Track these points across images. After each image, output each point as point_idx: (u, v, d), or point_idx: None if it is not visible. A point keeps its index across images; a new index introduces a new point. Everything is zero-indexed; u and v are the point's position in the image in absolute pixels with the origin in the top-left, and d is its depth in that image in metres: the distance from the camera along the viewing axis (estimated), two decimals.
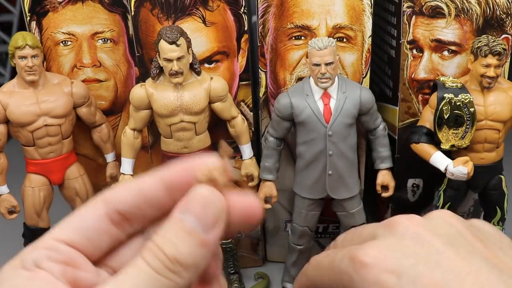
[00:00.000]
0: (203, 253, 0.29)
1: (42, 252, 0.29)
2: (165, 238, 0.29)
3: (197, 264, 0.29)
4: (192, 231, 0.29)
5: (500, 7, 1.23)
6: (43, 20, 1.27)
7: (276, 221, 1.49)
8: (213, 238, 0.29)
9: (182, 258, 0.28)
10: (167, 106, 1.17)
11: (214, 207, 0.29)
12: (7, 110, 1.20)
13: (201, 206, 0.29)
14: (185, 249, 0.29)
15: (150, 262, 0.28)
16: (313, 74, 1.18)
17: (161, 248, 0.29)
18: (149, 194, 0.31)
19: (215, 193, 0.30)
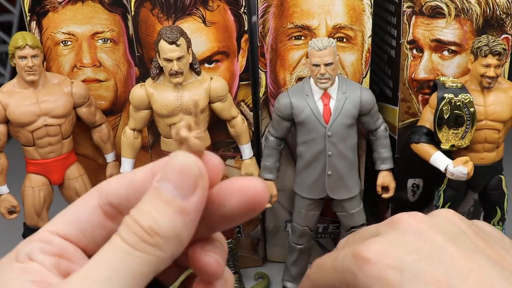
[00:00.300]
0: (184, 222, 0.27)
1: (36, 245, 0.29)
2: (141, 210, 0.28)
3: (178, 234, 0.27)
4: (169, 199, 0.27)
5: (500, 7, 1.23)
6: (43, 20, 1.27)
7: (276, 221, 1.49)
8: (193, 205, 0.28)
9: (160, 228, 0.27)
10: (167, 106, 1.17)
11: (191, 171, 0.28)
12: (7, 110, 1.20)
13: (177, 172, 0.28)
14: (163, 219, 0.27)
15: (125, 237, 0.27)
16: (312, 75, 1.18)
17: (136, 221, 0.27)
18: (139, 187, 0.30)
19: (190, 158, 0.28)
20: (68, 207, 0.31)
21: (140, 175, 0.31)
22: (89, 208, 0.31)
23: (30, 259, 0.29)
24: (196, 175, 0.28)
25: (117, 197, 0.31)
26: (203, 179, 0.28)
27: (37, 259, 0.29)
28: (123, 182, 0.31)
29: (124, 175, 0.31)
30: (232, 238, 1.38)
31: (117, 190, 0.31)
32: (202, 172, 0.28)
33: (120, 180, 0.31)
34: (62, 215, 0.31)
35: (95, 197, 0.31)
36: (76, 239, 0.30)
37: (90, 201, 0.31)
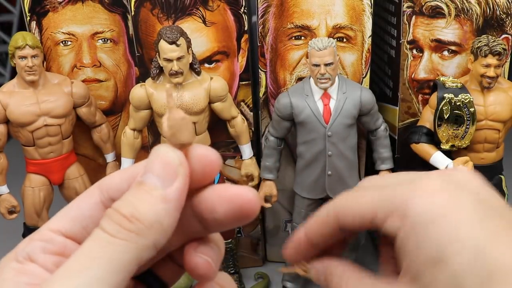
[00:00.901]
0: (166, 209, 0.27)
1: (37, 244, 0.29)
2: (123, 200, 0.28)
3: (159, 220, 0.27)
4: (150, 188, 0.28)
5: (500, 7, 1.23)
6: (43, 20, 1.27)
7: (276, 221, 1.49)
8: (175, 192, 0.28)
9: (140, 215, 0.27)
10: (167, 106, 1.17)
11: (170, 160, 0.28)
12: (7, 110, 1.20)
13: (157, 162, 0.28)
14: (143, 206, 0.27)
15: (105, 227, 0.27)
16: (312, 75, 1.18)
17: (117, 210, 0.27)
18: None
19: (169, 148, 0.29)
20: (69, 204, 0.31)
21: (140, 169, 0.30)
22: (90, 204, 0.31)
23: (30, 259, 0.28)
24: (176, 163, 0.28)
25: (119, 192, 0.30)
26: (183, 167, 0.28)
27: (37, 260, 0.28)
28: (124, 176, 0.31)
29: (125, 170, 0.32)
30: (232, 238, 1.38)
31: (119, 185, 0.31)
32: (181, 160, 0.29)
33: (121, 175, 0.31)
34: (63, 213, 0.31)
35: (96, 193, 0.31)
36: (79, 236, 0.30)
37: (91, 198, 0.31)
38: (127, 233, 0.27)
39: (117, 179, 0.31)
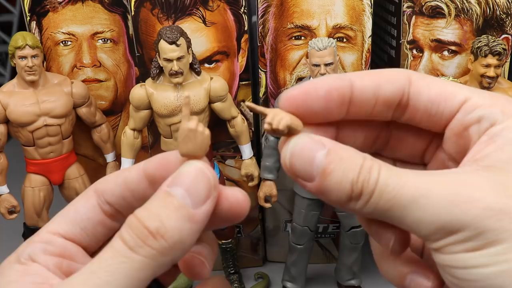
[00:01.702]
0: (191, 229, 0.26)
1: (38, 246, 0.29)
2: (149, 211, 0.26)
3: (183, 241, 0.26)
4: (180, 204, 0.26)
5: (500, 7, 1.23)
6: (43, 20, 1.27)
7: (276, 221, 1.49)
8: (203, 214, 0.27)
9: (167, 232, 0.25)
10: (167, 106, 1.17)
11: (206, 180, 0.27)
12: (7, 110, 1.20)
13: (192, 178, 0.27)
14: (171, 223, 0.26)
15: (127, 239, 0.26)
16: (313, 75, 1.18)
17: (142, 222, 0.26)
18: (133, 186, 0.30)
19: (207, 167, 0.28)
20: (67, 206, 0.31)
21: (133, 174, 0.30)
22: (88, 206, 0.30)
23: (32, 260, 0.28)
24: (210, 185, 0.27)
25: (113, 197, 0.30)
26: (215, 190, 0.27)
27: (39, 260, 0.28)
28: (118, 180, 0.30)
29: (118, 174, 0.31)
30: (232, 238, 1.38)
31: (113, 189, 0.30)
32: (216, 182, 0.27)
33: (115, 178, 0.31)
34: (62, 215, 0.31)
35: (93, 196, 0.31)
36: (78, 237, 0.30)
37: (88, 200, 0.31)
38: (149, 250, 0.25)
39: (112, 184, 0.30)
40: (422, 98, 0.28)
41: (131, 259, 0.25)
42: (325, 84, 0.28)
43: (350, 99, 0.28)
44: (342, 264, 1.37)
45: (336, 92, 0.28)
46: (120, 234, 0.26)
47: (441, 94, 0.28)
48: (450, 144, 0.29)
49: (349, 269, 1.37)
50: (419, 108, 0.29)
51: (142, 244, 0.25)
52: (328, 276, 1.47)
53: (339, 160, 0.26)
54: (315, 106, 0.28)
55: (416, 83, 0.28)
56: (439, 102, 0.28)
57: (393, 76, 0.29)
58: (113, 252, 0.26)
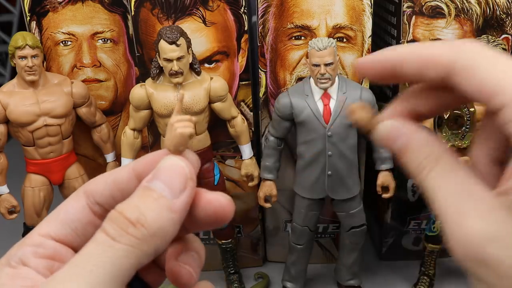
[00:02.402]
0: (171, 219, 0.28)
1: (28, 249, 0.29)
2: (128, 203, 0.28)
3: (164, 229, 0.27)
4: (159, 196, 0.28)
5: (500, 7, 1.23)
6: (43, 20, 1.27)
7: (276, 221, 1.49)
8: (182, 204, 0.28)
9: (146, 221, 0.27)
10: (167, 106, 1.17)
11: (182, 172, 0.29)
12: (7, 110, 1.20)
13: (168, 172, 0.29)
14: (150, 213, 0.27)
15: (109, 230, 0.27)
16: (312, 75, 1.18)
17: (122, 213, 0.27)
18: (123, 185, 0.31)
19: (182, 160, 0.29)
20: (58, 208, 0.31)
21: (123, 174, 0.31)
22: (78, 207, 0.31)
23: (23, 263, 0.29)
24: (186, 176, 0.29)
25: (102, 197, 0.31)
26: (192, 181, 0.29)
27: (29, 264, 0.29)
28: (108, 180, 0.31)
29: (108, 174, 0.31)
30: (232, 238, 1.38)
31: (102, 189, 0.31)
32: (192, 174, 0.29)
33: (104, 179, 0.31)
34: (52, 216, 0.31)
35: (82, 197, 0.31)
36: (69, 239, 0.30)
37: (78, 201, 0.31)
38: (130, 238, 0.26)
39: (101, 184, 0.31)
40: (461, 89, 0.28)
41: (114, 248, 0.26)
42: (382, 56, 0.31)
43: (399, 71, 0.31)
44: (342, 264, 1.37)
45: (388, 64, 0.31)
46: (102, 227, 0.27)
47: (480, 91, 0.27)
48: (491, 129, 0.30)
49: (349, 269, 1.37)
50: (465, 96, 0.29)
51: (124, 233, 0.26)
52: (328, 276, 1.47)
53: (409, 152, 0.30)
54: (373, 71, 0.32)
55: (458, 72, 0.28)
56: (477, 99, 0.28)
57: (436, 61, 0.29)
58: (96, 244, 0.27)
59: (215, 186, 1.28)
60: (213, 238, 1.40)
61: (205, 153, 1.25)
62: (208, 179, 1.27)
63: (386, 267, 1.50)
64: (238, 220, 1.45)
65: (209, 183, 1.27)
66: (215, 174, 1.28)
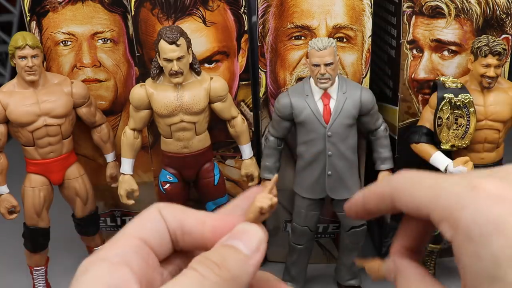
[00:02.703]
0: (247, 269, 0.32)
1: (128, 249, 0.32)
2: (214, 251, 0.32)
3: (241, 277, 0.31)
4: (238, 251, 0.32)
5: (500, 7, 1.23)
6: (43, 20, 1.27)
7: (276, 221, 1.49)
8: (255, 260, 0.32)
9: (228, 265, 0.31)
10: (167, 106, 1.17)
11: (258, 236, 0.33)
12: (7, 110, 1.20)
13: (247, 235, 0.33)
14: (232, 260, 0.31)
15: (197, 268, 0.31)
16: (312, 75, 1.17)
17: (209, 258, 0.31)
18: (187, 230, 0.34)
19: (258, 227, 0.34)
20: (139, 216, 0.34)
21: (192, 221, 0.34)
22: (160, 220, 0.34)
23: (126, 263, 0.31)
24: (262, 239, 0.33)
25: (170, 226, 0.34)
26: (265, 244, 0.33)
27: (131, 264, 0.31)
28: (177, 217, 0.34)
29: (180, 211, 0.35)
30: None
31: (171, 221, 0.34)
32: (265, 239, 0.34)
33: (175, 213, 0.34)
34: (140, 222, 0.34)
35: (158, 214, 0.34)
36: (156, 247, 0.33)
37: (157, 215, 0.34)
38: (216, 278, 0.30)
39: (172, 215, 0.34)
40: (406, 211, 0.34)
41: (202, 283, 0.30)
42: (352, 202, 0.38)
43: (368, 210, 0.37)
44: (342, 264, 1.37)
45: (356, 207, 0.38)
46: (191, 267, 0.31)
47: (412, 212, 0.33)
48: None
49: (349, 269, 1.37)
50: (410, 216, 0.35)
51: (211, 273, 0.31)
52: (328, 276, 1.47)
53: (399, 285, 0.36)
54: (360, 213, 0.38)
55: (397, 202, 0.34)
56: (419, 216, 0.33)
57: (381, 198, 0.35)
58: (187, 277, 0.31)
59: (215, 186, 1.28)
60: None
61: (205, 153, 1.25)
62: (208, 179, 1.27)
63: None
64: None
65: (209, 183, 1.27)
66: (215, 174, 1.28)
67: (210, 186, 1.27)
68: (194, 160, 1.24)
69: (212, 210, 1.31)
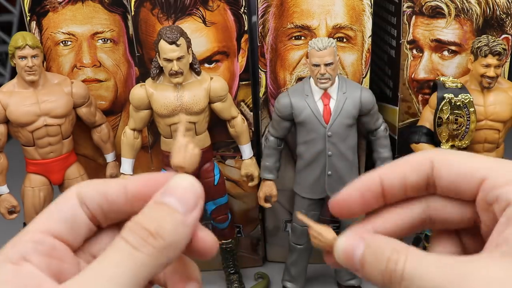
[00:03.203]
0: (184, 232, 0.30)
1: (30, 245, 0.29)
2: (145, 216, 0.30)
3: (178, 242, 0.29)
4: (174, 210, 0.30)
5: (500, 7, 1.23)
6: (43, 20, 1.27)
7: (276, 221, 1.49)
8: (193, 219, 0.30)
9: (165, 233, 0.29)
10: (167, 106, 1.17)
11: (194, 191, 0.31)
12: (7, 110, 1.20)
13: (182, 190, 0.30)
14: (167, 226, 0.29)
15: (130, 239, 0.28)
16: (312, 75, 1.18)
17: (142, 225, 0.29)
18: (113, 198, 0.32)
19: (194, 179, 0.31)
20: (50, 206, 0.32)
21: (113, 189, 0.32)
22: (72, 206, 0.32)
23: (25, 260, 0.29)
24: (198, 195, 0.31)
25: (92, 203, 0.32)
26: (202, 199, 0.31)
27: (32, 260, 0.29)
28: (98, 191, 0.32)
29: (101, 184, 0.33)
30: (232, 238, 1.38)
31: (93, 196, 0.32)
32: (202, 194, 0.31)
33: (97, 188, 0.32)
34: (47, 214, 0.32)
35: (74, 197, 0.32)
36: (65, 236, 0.31)
37: (71, 200, 0.32)
38: (150, 248, 0.28)
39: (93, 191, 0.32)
40: (443, 180, 0.32)
41: (134, 256, 0.28)
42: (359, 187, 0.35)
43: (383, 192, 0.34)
44: None
45: (369, 192, 0.34)
46: (122, 236, 0.29)
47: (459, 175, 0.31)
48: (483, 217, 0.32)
49: (349, 269, 1.37)
50: (442, 188, 0.32)
51: (144, 243, 0.28)
52: (328, 276, 1.47)
53: (371, 255, 0.31)
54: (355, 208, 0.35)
55: (437, 168, 0.32)
56: (458, 184, 0.31)
57: (417, 164, 0.33)
58: (118, 251, 0.28)
59: (215, 186, 1.28)
60: None
61: (205, 153, 1.25)
62: (208, 179, 1.27)
63: None
64: (238, 220, 1.45)
65: (209, 183, 1.27)
66: (215, 174, 1.28)
67: (210, 186, 1.27)
68: None
69: (212, 210, 1.32)
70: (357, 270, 0.32)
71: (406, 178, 0.33)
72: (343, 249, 0.33)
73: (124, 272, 0.27)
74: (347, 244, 0.33)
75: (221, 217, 1.32)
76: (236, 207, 1.43)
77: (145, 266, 0.28)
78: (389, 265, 0.30)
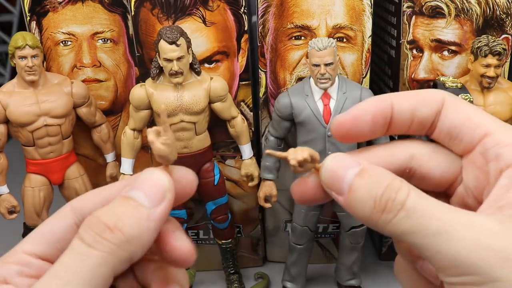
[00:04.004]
0: (149, 226, 0.28)
1: (13, 268, 0.29)
2: (106, 210, 0.28)
3: (140, 236, 0.28)
4: (137, 204, 0.28)
5: (500, 7, 1.23)
6: (43, 20, 1.27)
7: (276, 221, 1.49)
8: (159, 214, 0.29)
9: (124, 226, 0.27)
10: (167, 106, 1.17)
11: (161, 183, 0.29)
12: (7, 110, 1.20)
13: (147, 182, 0.29)
14: (128, 219, 0.28)
15: (84, 236, 0.27)
16: (312, 75, 1.18)
17: (99, 218, 0.27)
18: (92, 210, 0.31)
19: (162, 173, 0.30)
20: (42, 225, 0.31)
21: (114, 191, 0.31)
22: (65, 226, 0.31)
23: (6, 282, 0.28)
24: (166, 187, 0.29)
25: None
26: (171, 193, 0.29)
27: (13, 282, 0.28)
28: (96, 200, 0.31)
29: (97, 192, 0.32)
30: (232, 238, 1.38)
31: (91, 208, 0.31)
32: (171, 186, 0.30)
33: (93, 198, 0.31)
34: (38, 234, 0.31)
35: (69, 215, 0.31)
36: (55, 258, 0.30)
37: (64, 219, 0.31)
38: (106, 244, 0.26)
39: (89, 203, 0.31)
40: (447, 121, 0.30)
41: (90, 256, 0.26)
42: (371, 108, 0.31)
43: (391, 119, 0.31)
44: (342, 264, 1.37)
45: (381, 115, 0.31)
46: (78, 234, 0.27)
47: (465, 122, 0.30)
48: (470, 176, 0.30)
49: (349, 269, 1.37)
50: (442, 130, 0.30)
51: (100, 239, 0.26)
52: (328, 276, 1.47)
53: (367, 178, 0.28)
54: (364, 129, 0.32)
55: (447, 106, 0.30)
56: (461, 129, 0.30)
57: (430, 98, 0.31)
58: (72, 252, 0.27)
59: (215, 186, 1.28)
60: (213, 238, 1.40)
61: (205, 153, 1.25)
62: (208, 179, 1.27)
63: (386, 267, 1.49)
64: (238, 220, 1.45)
65: (209, 183, 1.27)
66: (215, 174, 1.28)
67: (210, 186, 1.27)
68: (194, 160, 1.24)
69: (212, 210, 1.32)
70: (341, 193, 0.29)
71: (417, 110, 0.30)
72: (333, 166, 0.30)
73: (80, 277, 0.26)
74: (341, 163, 0.30)
75: (221, 217, 1.33)
76: (236, 207, 1.43)
77: (104, 264, 0.26)
78: (388, 192, 0.27)
